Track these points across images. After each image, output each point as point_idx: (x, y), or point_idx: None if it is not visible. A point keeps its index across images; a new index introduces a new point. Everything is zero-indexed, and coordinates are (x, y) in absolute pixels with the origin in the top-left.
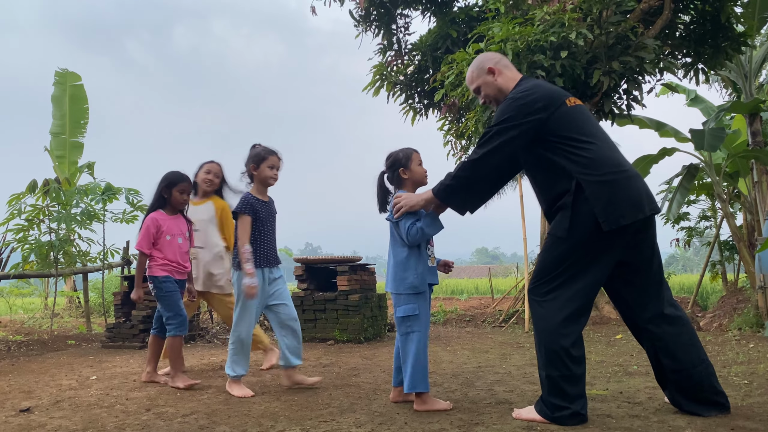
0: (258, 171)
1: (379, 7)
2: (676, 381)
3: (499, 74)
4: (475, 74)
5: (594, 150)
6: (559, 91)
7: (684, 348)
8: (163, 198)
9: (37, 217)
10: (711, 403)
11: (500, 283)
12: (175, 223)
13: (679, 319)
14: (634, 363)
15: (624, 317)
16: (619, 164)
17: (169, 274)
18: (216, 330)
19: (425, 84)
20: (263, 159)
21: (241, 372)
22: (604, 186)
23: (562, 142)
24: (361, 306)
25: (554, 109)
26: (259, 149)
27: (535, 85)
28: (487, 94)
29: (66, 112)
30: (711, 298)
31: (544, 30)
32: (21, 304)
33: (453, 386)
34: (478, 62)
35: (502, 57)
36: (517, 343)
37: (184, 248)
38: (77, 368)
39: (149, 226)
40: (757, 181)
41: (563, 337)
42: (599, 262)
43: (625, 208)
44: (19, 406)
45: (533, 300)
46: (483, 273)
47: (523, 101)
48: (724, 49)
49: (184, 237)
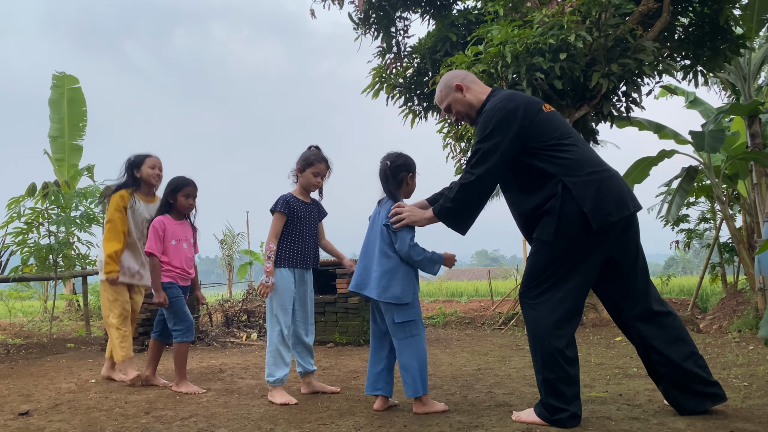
0: (303, 174)
1: (378, 9)
2: (667, 375)
3: (468, 90)
4: (444, 93)
5: (575, 152)
6: (534, 99)
7: (673, 342)
8: (169, 203)
9: (37, 220)
10: (704, 395)
11: (500, 286)
12: (180, 229)
13: (667, 315)
14: (634, 365)
15: (613, 316)
16: (600, 164)
17: (173, 280)
18: (215, 333)
19: (424, 87)
20: (310, 164)
21: (280, 375)
22: (589, 185)
23: (544, 147)
24: (361, 309)
25: (533, 115)
26: (311, 153)
27: (511, 95)
28: (459, 111)
29: (64, 115)
30: (711, 300)
31: (543, 32)
32: (20, 307)
33: (452, 389)
34: (445, 81)
35: (468, 73)
36: (516, 346)
37: (189, 254)
38: (76, 371)
39: (156, 228)
40: (756, 183)
41: (557, 338)
42: (587, 263)
43: (612, 205)
44: (18, 410)
45: (525, 303)
46: (483, 275)
47: (504, 111)
48: (723, 52)
49: (189, 243)
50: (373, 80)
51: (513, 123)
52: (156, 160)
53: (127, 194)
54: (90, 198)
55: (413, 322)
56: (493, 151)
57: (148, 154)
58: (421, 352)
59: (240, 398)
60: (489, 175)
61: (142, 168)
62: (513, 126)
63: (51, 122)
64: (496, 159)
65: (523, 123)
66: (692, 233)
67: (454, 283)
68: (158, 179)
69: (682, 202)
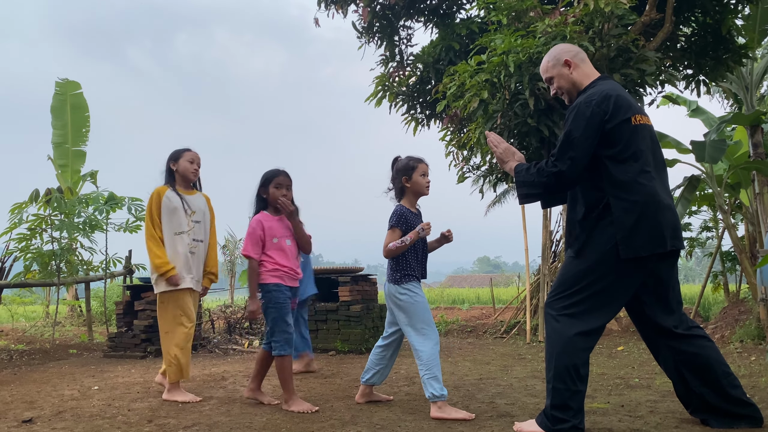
0: (411, 182)
1: (381, 18)
2: (701, 396)
3: (575, 68)
4: (551, 65)
5: (631, 173)
6: (627, 105)
7: (708, 363)
8: (263, 198)
9: (40, 226)
10: (739, 417)
11: (502, 293)
12: (279, 225)
13: (700, 335)
14: (636, 376)
15: (644, 335)
16: (652, 193)
17: (280, 280)
18: (217, 340)
19: (427, 95)
20: (413, 168)
21: (445, 392)
22: (631, 212)
23: (610, 157)
24: (363, 317)
25: (615, 123)
26: (407, 160)
27: (611, 90)
28: (560, 86)
29: (67, 122)
30: (713, 309)
31: (546, 42)
32: (23, 312)
33: (454, 399)
34: (554, 53)
35: (580, 50)
36: (518, 355)
37: (294, 251)
38: (79, 378)
39: (255, 228)
40: (758, 192)
41: (574, 354)
42: (618, 287)
43: (646, 239)
44: (21, 417)
45: (549, 314)
46: (485, 282)
47: (595, 109)
48: (725, 61)
49: (292, 239)
50: (375, 89)
51: (598, 126)
52: (195, 155)
53: (162, 190)
54: (93, 204)
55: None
56: (581, 143)
57: (187, 149)
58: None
59: (242, 407)
60: (573, 166)
61: (179, 162)
62: (597, 129)
63: (54, 129)
64: (582, 150)
65: (606, 126)
66: (694, 242)
67: (456, 290)
68: (195, 174)
69: (684, 210)
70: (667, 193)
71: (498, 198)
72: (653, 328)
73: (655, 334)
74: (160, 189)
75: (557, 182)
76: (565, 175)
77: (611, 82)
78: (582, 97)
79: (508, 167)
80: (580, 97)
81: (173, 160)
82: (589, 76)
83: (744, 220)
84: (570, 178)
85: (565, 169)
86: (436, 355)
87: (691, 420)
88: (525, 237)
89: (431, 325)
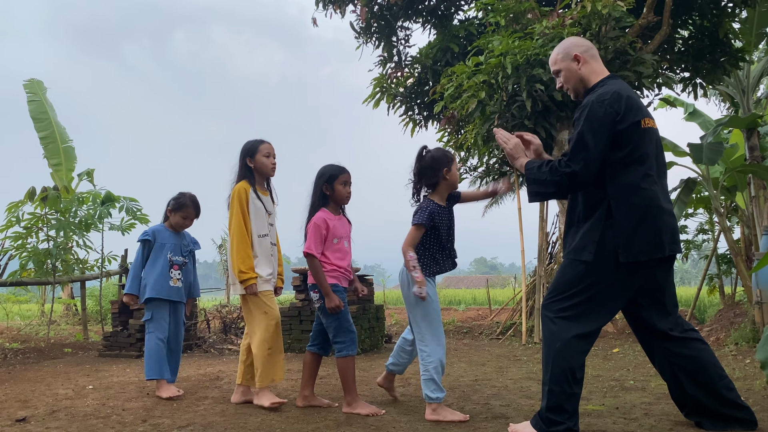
0: (451, 173)
1: (379, 19)
2: (695, 398)
3: (584, 63)
4: (560, 57)
5: (635, 177)
6: (637, 107)
7: (703, 366)
8: (324, 195)
9: (36, 225)
10: (734, 420)
11: (498, 294)
12: (341, 224)
13: (696, 338)
14: (631, 378)
15: (639, 337)
16: (654, 198)
17: (337, 281)
18: (213, 339)
19: (425, 96)
20: (451, 160)
21: (441, 395)
22: (632, 216)
23: (616, 159)
24: (359, 317)
25: (626, 125)
26: (438, 153)
27: (621, 90)
28: (567, 80)
29: (51, 120)
30: (708, 312)
31: (543, 44)
32: (18, 311)
33: (449, 400)
34: (565, 46)
35: (592, 46)
36: (514, 356)
37: (350, 254)
38: (74, 377)
39: (320, 226)
40: (754, 195)
41: (570, 357)
42: (615, 291)
43: (646, 244)
44: (15, 416)
45: (546, 316)
46: (481, 283)
47: (608, 109)
48: (722, 64)
49: (350, 240)
50: (373, 90)
51: (609, 127)
52: (270, 147)
53: (247, 186)
54: (89, 204)
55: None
56: (594, 143)
57: (262, 140)
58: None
59: (237, 407)
60: (587, 167)
61: (256, 156)
62: (608, 129)
63: (38, 132)
64: (596, 151)
65: (617, 127)
66: (690, 244)
67: (452, 290)
68: (274, 170)
69: (680, 213)
70: (666, 197)
71: (495, 199)
72: (649, 331)
73: (650, 337)
74: (245, 185)
75: (570, 182)
76: (578, 176)
77: (621, 82)
78: (593, 95)
79: (518, 164)
80: (589, 95)
81: (249, 155)
82: (598, 73)
83: (740, 222)
84: (583, 179)
85: (579, 170)
86: (438, 355)
87: (685, 422)
88: (521, 238)
89: (437, 325)
